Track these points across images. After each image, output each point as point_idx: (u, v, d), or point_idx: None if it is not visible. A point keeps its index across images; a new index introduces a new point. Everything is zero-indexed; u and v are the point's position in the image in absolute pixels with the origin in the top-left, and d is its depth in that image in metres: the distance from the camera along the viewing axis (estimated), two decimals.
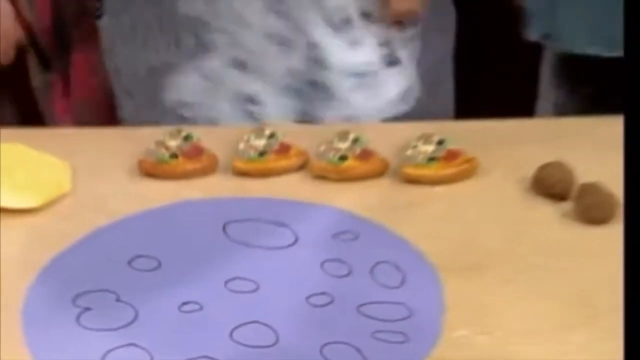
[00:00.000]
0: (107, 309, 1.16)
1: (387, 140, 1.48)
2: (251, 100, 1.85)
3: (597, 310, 1.16)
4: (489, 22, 2.39)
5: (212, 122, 1.85)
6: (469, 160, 1.43)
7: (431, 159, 1.42)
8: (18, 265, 1.23)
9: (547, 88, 2.09)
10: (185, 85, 1.93)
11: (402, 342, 1.10)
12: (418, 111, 2.03)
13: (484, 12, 2.37)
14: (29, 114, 1.89)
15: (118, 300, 1.17)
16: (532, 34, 2.01)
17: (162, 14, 2.19)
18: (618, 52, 1.81)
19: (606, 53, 1.81)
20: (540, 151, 1.43)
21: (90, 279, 1.21)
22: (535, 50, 2.20)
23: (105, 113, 2.06)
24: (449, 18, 2.60)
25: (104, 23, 2.12)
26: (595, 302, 1.17)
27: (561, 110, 2.04)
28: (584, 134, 1.54)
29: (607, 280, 1.20)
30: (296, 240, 1.28)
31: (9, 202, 1.35)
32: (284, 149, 1.45)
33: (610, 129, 1.51)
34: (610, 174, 1.36)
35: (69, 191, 1.40)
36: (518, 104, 2.38)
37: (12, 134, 1.52)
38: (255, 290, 1.19)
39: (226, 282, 1.20)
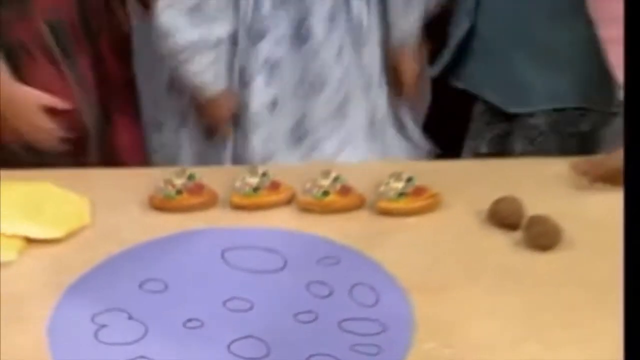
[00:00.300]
0: (121, 326, 1.15)
1: (363, 178, 1.48)
2: None
3: (544, 325, 1.16)
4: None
5: None
6: (433, 196, 1.43)
7: (401, 194, 1.42)
8: (45, 287, 1.24)
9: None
10: None
11: (376, 354, 1.10)
12: None
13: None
14: None
15: (130, 318, 1.17)
16: (434, 70, 1.98)
17: None
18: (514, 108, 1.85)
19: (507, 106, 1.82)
20: (494, 187, 1.44)
21: (106, 299, 1.21)
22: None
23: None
24: None
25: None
26: (542, 319, 1.18)
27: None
28: (532, 172, 1.55)
29: (553, 299, 1.22)
30: (285, 265, 1.28)
31: (37, 234, 1.35)
32: (275, 186, 1.45)
33: (553, 168, 1.56)
34: (554, 207, 1.38)
35: (88, 223, 1.40)
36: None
37: (41, 174, 1.52)
38: (249, 309, 1.19)
39: (224, 302, 1.20)
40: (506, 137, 1.91)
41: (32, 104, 1.77)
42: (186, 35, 1.65)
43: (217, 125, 1.80)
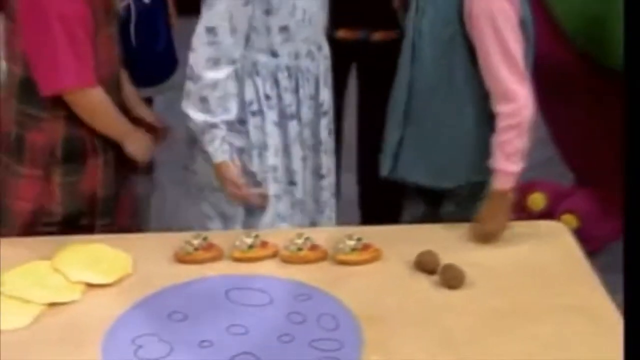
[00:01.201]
0: (154, 346, 1.16)
1: (326, 238, 1.47)
2: None
3: (458, 344, 1.18)
4: None
5: None
6: (376, 250, 1.42)
7: (353, 250, 1.41)
8: (100, 319, 1.24)
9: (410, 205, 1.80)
10: None
11: None
12: None
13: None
14: None
15: (160, 340, 1.17)
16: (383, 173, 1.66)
17: None
18: (442, 184, 1.60)
19: (434, 184, 1.62)
20: (418, 244, 1.43)
21: (143, 327, 1.21)
22: None
23: None
24: None
25: None
26: (456, 339, 1.19)
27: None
28: (443, 234, 1.52)
29: (461, 324, 1.23)
30: (271, 301, 1.28)
31: (94, 280, 1.33)
32: (264, 244, 1.43)
33: (458, 231, 1.52)
34: (460, 258, 1.38)
35: (130, 273, 1.38)
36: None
37: (96, 238, 1.50)
38: (246, 333, 1.19)
39: (228, 327, 1.20)
40: (438, 204, 1.70)
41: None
42: (195, 119, 1.51)
43: (233, 190, 1.58)
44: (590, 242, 1.51)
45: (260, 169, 1.57)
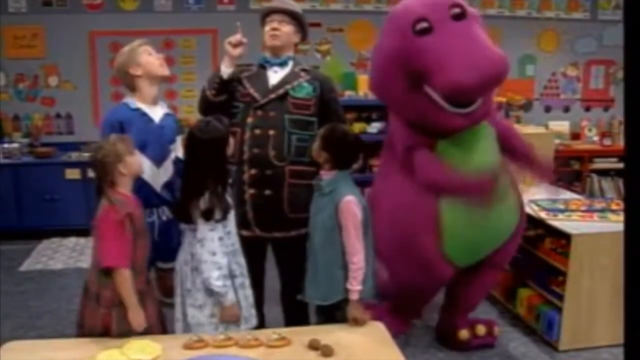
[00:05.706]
0: None
1: (262, 334, 2.21)
2: None
3: None
4: None
5: None
6: (288, 340, 2.18)
7: (276, 340, 2.19)
8: None
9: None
10: None
11: None
12: None
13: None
14: None
15: None
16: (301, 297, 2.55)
17: None
18: (328, 302, 2.51)
19: (322, 303, 2.48)
20: (310, 335, 2.18)
21: None
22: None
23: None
24: None
25: None
26: None
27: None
28: (323, 329, 2.30)
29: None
30: None
31: (142, 357, 2.08)
32: (229, 339, 2.20)
33: (327, 328, 2.30)
34: (332, 340, 2.12)
35: (160, 354, 2.10)
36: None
37: (142, 337, 2.21)
38: None
39: None
40: (333, 314, 2.46)
41: None
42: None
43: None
44: (391, 332, 2.41)
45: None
